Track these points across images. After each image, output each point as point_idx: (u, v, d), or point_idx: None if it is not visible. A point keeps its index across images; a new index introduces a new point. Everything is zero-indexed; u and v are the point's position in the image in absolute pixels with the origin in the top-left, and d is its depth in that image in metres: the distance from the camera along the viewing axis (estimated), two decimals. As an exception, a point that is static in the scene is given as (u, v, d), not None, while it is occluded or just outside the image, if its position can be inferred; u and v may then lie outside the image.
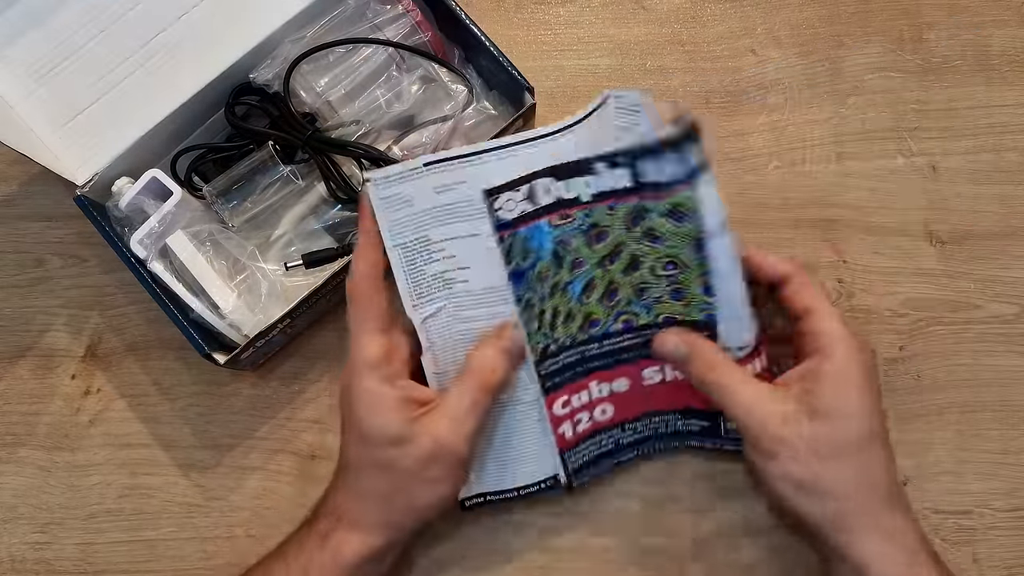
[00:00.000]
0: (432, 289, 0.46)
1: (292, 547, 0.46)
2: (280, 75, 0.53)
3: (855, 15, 0.61)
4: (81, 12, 0.53)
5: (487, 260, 0.45)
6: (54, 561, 0.54)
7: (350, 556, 0.44)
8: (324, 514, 0.46)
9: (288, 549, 0.46)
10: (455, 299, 0.46)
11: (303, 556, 0.45)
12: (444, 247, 0.45)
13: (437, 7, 0.55)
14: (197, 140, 0.56)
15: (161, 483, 0.55)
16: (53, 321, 0.58)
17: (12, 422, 0.56)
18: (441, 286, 0.46)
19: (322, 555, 0.44)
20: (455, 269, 0.46)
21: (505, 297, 0.46)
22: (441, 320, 0.47)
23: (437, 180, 0.44)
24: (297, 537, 0.46)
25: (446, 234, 0.45)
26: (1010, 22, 0.61)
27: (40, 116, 0.53)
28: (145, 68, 0.53)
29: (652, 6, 0.62)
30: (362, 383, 0.43)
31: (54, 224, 0.59)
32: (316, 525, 0.45)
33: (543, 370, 0.47)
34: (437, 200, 0.44)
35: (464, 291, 0.46)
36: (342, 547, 0.44)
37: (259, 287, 0.52)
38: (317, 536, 0.45)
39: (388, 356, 0.44)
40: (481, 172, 0.43)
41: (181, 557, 0.54)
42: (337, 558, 0.44)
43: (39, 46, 0.53)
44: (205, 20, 0.53)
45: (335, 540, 0.44)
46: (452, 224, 0.45)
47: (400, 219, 0.45)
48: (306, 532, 0.46)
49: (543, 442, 0.49)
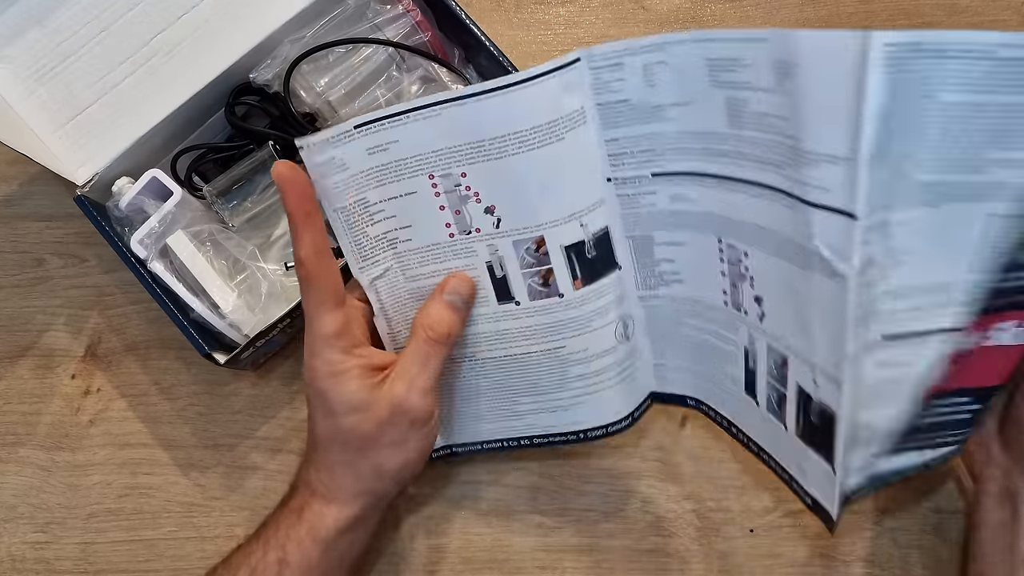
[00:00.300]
0: (376, 250, 0.46)
1: (269, 527, 0.46)
2: (280, 75, 0.53)
3: (855, 15, 0.61)
4: (81, 12, 0.53)
5: (428, 217, 0.45)
6: (54, 561, 0.54)
7: (325, 530, 0.44)
8: (299, 491, 0.46)
9: (265, 530, 0.46)
10: (400, 259, 0.46)
11: (280, 533, 0.45)
12: (383, 208, 0.45)
13: (437, 7, 0.55)
14: (197, 140, 0.56)
15: (161, 483, 0.55)
16: (53, 321, 0.58)
17: (12, 422, 0.56)
18: (385, 246, 0.46)
19: (298, 530, 0.44)
20: (396, 229, 0.45)
21: (449, 252, 0.46)
22: (389, 280, 0.47)
23: (369, 142, 0.43)
24: (272, 518, 0.46)
25: (384, 195, 0.45)
26: (1010, 22, 0.61)
27: (40, 116, 0.53)
28: (145, 68, 0.53)
29: (652, 6, 0.62)
30: (323, 357, 0.44)
31: (54, 224, 0.59)
32: (291, 502, 0.46)
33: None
34: (371, 161, 0.44)
35: (408, 250, 0.46)
36: (317, 521, 0.44)
37: (259, 287, 0.52)
38: (292, 512, 0.45)
39: (346, 327, 0.44)
40: (411, 131, 0.43)
41: (181, 557, 0.54)
42: (313, 532, 0.44)
43: (39, 46, 0.53)
44: (205, 20, 0.53)
45: (310, 514, 0.45)
46: (389, 184, 0.44)
47: (337, 183, 0.45)
48: (280, 511, 0.46)
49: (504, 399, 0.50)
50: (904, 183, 0.36)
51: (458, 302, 0.46)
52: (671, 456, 0.54)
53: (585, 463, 0.55)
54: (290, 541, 0.44)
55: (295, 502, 0.46)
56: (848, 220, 0.36)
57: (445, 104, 0.41)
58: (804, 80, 0.35)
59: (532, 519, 0.54)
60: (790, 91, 0.36)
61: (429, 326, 0.45)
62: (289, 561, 0.44)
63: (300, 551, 0.44)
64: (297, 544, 0.44)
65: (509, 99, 0.41)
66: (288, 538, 0.44)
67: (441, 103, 0.41)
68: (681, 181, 0.43)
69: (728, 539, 0.53)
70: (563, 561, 0.53)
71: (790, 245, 0.40)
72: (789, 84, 0.36)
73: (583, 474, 0.54)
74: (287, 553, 0.44)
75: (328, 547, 0.45)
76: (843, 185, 0.35)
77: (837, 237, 0.37)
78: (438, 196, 0.44)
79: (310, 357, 0.44)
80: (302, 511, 0.45)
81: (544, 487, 0.54)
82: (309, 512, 0.45)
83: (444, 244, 0.46)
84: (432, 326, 0.45)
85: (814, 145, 0.36)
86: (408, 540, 0.54)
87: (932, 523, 0.53)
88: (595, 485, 0.54)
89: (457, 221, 0.45)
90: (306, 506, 0.45)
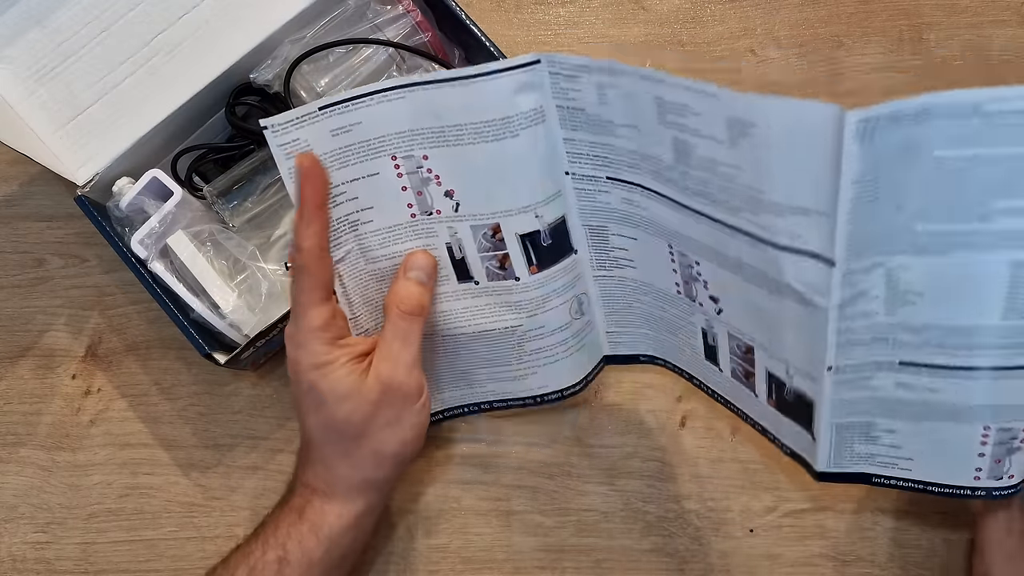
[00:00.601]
0: (339, 232, 0.46)
1: (268, 527, 0.46)
2: (280, 75, 0.53)
3: (855, 15, 0.61)
4: (82, 12, 0.53)
5: (390, 198, 0.45)
6: (55, 561, 0.54)
7: (327, 527, 0.44)
8: (297, 491, 0.46)
9: (263, 529, 0.46)
10: (362, 240, 0.46)
11: (280, 532, 0.45)
12: (345, 189, 0.45)
13: (437, 7, 0.55)
14: (198, 140, 0.56)
15: (162, 483, 0.55)
16: (53, 321, 0.58)
17: (13, 422, 0.57)
18: (347, 229, 0.46)
19: (300, 528, 0.44)
20: (358, 211, 0.46)
21: (410, 232, 0.46)
22: (350, 263, 0.47)
23: (333, 123, 0.43)
24: (272, 517, 0.46)
25: (347, 176, 0.45)
26: (1009, 22, 0.61)
27: (41, 116, 0.53)
28: (146, 68, 0.53)
29: (652, 6, 0.62)
30: (309, 348, 0.44)
31: (54, 224, 0.59)
32: (291, 502, 0.46)
33: None
34: (335, 143, 0.44)
35: (369, 231, 0.46)
36: (319, 518, 0.45)
37: (259, 287, 0.52)
38: (293, 512, 0.45)
39: (332, 320, 0.45)
40: (375, 113, 0.43)
41: (181, 557, 0.54)
42: (315, 529, 0.44)
43: (39, 46, 0.53)
44: (206, 20, 0.53)
45: (311, 512, 0.45)
46: (353, 166, 0.44)
47: None
48: (280, 510, 0.46)
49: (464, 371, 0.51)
50: (901, 232, 0.36)
51: (423, 276, 0.46)
52: (671, 456, 0.54)
53: (585, 463, 0.55)
54: (291, 539, 0.44)
55: (295, 502, 0.45)
56: (824, 264, 0.37)
57: (408, 88, 0.42)
58: (766, 142, 0.35)
59: (532, 519, 0.54)
60: (746, 148, 0.36)
61: (400, 302, 0.45)
62: (289, 559, 0.44)
63: (301, 549, 0.44)
64: (298, 542, 0.44)
65: (466, 91, 0.41)
66: (289, 536, 0.44)
67: (404, 87, 0.42)
68: (633, 189, 0.44)
69: (728, 539, 0.53)
70: (563, 561, 0.53)
71: (750, 270, 0.40)
72: (745, 143, 0.36)
73: (583, 474, 0.54)
74: (287, 551, 0.44)
75: (330, 545, 0.45)
76: (818, 235, 0.36)
77: (812, 276, 0.37)
78: (400, 177, 0.45)
79: (295, 349, 0.44)
80: (303, 510, 0.45)
81: (544, 487, 0.54)
82: (311, 510, 0.45)
83: (405, 224, 0.46)
84: (403, 301, 0.45)
85: (781, 199, 0.36)
86: (408, 540, 0.54)
87: (932, 523, 0.53)
88: (595, 485, 0.54)
89: (419, 202, 0.45)
90: (307, 505, 0.45)
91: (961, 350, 0.39)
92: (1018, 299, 0.37)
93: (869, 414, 0.43)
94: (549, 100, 0.42)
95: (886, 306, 0.38)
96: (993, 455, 0.42)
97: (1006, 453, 0.42)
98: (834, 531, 0.53)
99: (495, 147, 0.43)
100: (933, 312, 0.38)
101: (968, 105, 0.32)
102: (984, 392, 0.40)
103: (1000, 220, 0.35)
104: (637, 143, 0.41)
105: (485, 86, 0.41)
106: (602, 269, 0.49)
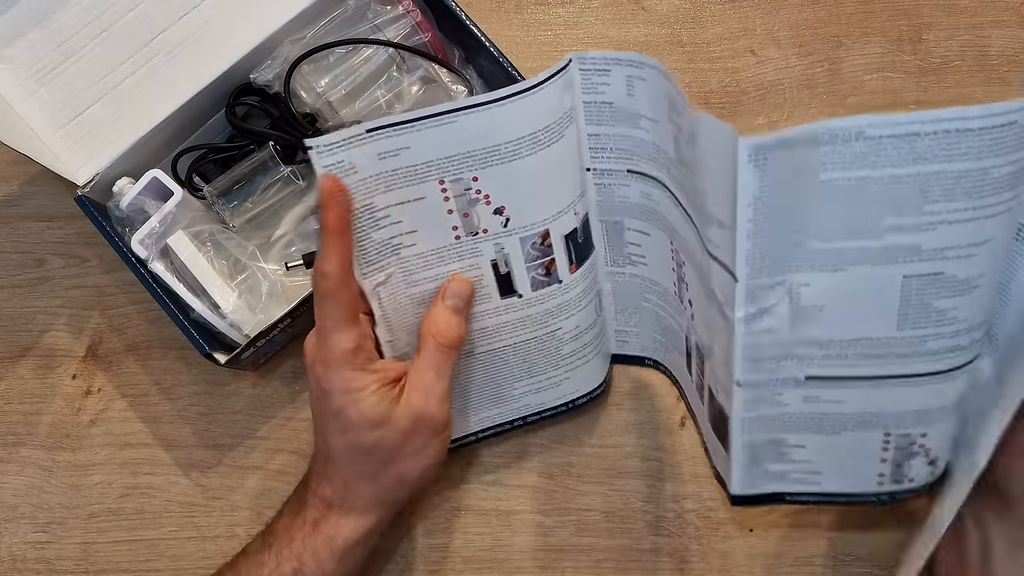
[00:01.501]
0: (381, 256, 0.46)
1: (280, 538, 0.46)
2: (281, 75, 0.53)
3: (854, 15, 0.61)
4: (82, 12, 0.53)
5: (435, 221, 0.46)
6: (55, 560, 0.54)
7: (342, 540, 0.45)
8: (310, 503, 0.46)
9: (276, 540, 0.46)
10: (404, 264, 0.47)
11: (295, 544, 0.45)
12: (389, 213, 0.45)
13: (437, 8, 0.55)
14: (198, 140, 0.56)
15: (162, 483, 0.55)
16: (54, 321, 0.58)
17: (13, 422, 0.57)
18: (389, 252, 0.46)
19: (314, 541, 0.45)
20: (402, 234, 0.46)
21: (454, 255, 0.47)
22: (391, 286, 0.47)
23: (381, 146, 0.43)
24: (283, 528, 0.46)
25: (392, 200, 0.45)
26: (1009, 22, 0.61)
27: (41, 116, 0.53)
28: (146, 68, 0.53)
29: (652, 7, 0.62)
30: (340, 375, 0.44)
31: (55, 224, 0.59)
32: (303, 513, 0.46)
33: None
34: (382, 166, 0.44)
35: (412, 255, 0.46)
36: (334, 532, 0.45)
37: (260, 287, 0.52)
38: (307, 524, 0.45)
39: (361, 343, 0.44)
40: (424, 137, 0.43)
41: (182, 556, 0.54)
42: (330, 543, 0.45)
43: (40, 46, 0.53)
44: (206, 20, 0.53)
45: (326, 526, 0.45)
46: (398, 190, 0.45)
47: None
48: (292, 521, 0.46)
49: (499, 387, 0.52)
50: (799, 250, 0.38)
51: (460, 304, 0.47)
52: (671, 456, 0.54)
53: (585, 463, 0.55)
54: (306, 552, 0.45)
55: (309, 514, 0.46)
56: (731, 278, 0.39)
57: (459, 112, 0.43)
58: (701, 153, 0.39)
59: (532, 519, 0.54)
60: (696, 155, 0.40)
61: (438, 333, 0.45)
62: (305, 571, 0.44)
63: (316, 562, 0.44)
64: (313, 554, 0.45)
65: (519, 105, 0.43)
66: (304, 549, 0.45)
67: (455, 111, 0.43)
68: (649, 182, 0.46)
69: (728, 539, 0.53)
70: (563, 561, 0.53)
71: (701, 272, 0.43)
72: (693, 151, 0.40)
73: (583, 474, 0.54)
74: (303, 564, 0.44)
75: (344, 557, 0.45)
76: (728, 248, 0.38)
77: (725, 288, 0.40)
78: (447, 200, 0.45)
79: (324, 369, 0.44)
80: (318, 523, 0.45)
81: (544, 487, 0.54)
82: (326, 524, 0.45)
83: (449, 247, 0.47)
84: (441, 333, 0.45)
85: (711, 208, 0.40)
86: (408, 540, 0.54)
87: (932, 523, 0.53)
88: (595, 485, 0.54)
89: (464, 224, 0.46)
90: (323, 519, 0.45)
91: (863, 361, 0.41)
92: (910, 310, 0.39)
93: (780, 431, 0.44)
94: (579, 98, 0.44)
95: (790, 322, 0.40)
96: (894, 460, 0.44)
97: (905, 457, 0.44)
98: (834, 531, 0.53)
99: (547, 153, 0.44)
100: (834, 326, 0.40)
101: (852, 131, 0.35)
102: (884, 400, 0.42)
103: (889, 237, 0.37)
104: (656, 136, 0.44)
105: (535, 97, 0.43)
106: (615, 266, 0.50)
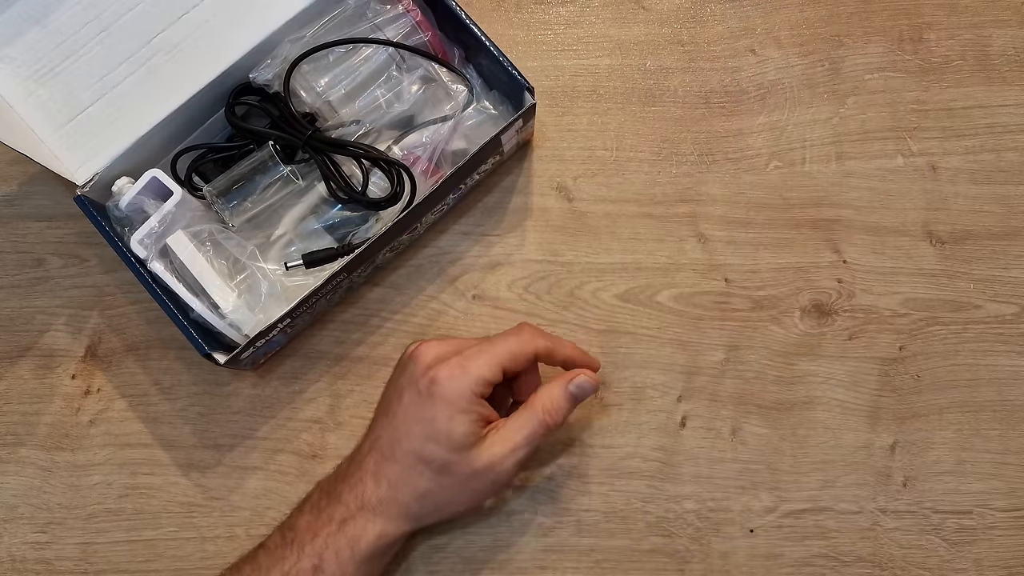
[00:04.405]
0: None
1: (303, 533, 0.46)
2: (280, 75, 0.53)
3: (855, 15, 0.61)
4: (81, 12, 0.53)
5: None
6: (55, 561, 0.54)
7: (366, 543, 0.45)
8: (343, 499, 0.46)
9: (297, 535, 0.46)
10: None
11: (317, 541, 0.45)
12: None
13: (437, 7, 0.55)
14: (197, 140, 0.56)
15: (161, 483, 0.55)
16: (53, 321, 0.58)
17: (12, 422, 0.56)
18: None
19: (338, 540, 0.45)
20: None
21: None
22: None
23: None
24: (305, 522, 0.46)
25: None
26: (1010, 22, 0.61)
27: (40, 116, 0.53)
28: (145, 68, 0.53)
29: (652, 6, 0.62)
30: (458, 390, 0.45)
31: (54, 224, 0.59)
32: (329, 509, 0.46)
33: None
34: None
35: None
36: (359, 534, 0.45)
37: (259, 287, 0.52)
38: (334, 522, 0.46)
39: (488, 391, 0.47)
40: None
41: (181, 557, 0.54)
42: (354, 545, 0.45)
43: (39, 46, 0.53)
44: (205, 20, 0.53)
45: (354, 527, 0.45)
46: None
47: None
48: (316, 517, 0.46)
49: None
50: None
51: (580, 397, 0.49)
52: (671, 456, 0.54)
53: (585, 463, 0.55)
54: (328, 550, 0.45)
55: (337, 511, 0.46)
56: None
57: None
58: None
59: (532, 519, 0.54)
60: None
61: (549, 411, 0.47)
62: (324, 569, 0.45)
63: (337, 563, 0.45)
64: (335, 554, 0.45)
65: None
66: (326, 547, 0.45)
67: None
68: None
69: (728, 539, 0.53)
70: (563, 561, 0.53)
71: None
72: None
73: (583, 474, 0.54)
74: (323, 562, 0.45)
75: (363, 562, 0.45)
76: None
77: None
78: None
79: (447, 378, 0.46)
80: (344, 522, 0.45)
81: (544, 487, 0.54)
82: (352, 524, 0.45)
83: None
84: (551, 412, 0.47)
85: None
86: (408, 540, 0.54)
87: (933, 523, 0.53)
88: (595, 485, 0.54)
89: None
90: (350, 519, 0.45)
91: None
92: None
93: None
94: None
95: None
96: None
97: None
98: (834, 531, 0.53)
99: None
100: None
101: None
102: None
103: None
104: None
105: None
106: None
